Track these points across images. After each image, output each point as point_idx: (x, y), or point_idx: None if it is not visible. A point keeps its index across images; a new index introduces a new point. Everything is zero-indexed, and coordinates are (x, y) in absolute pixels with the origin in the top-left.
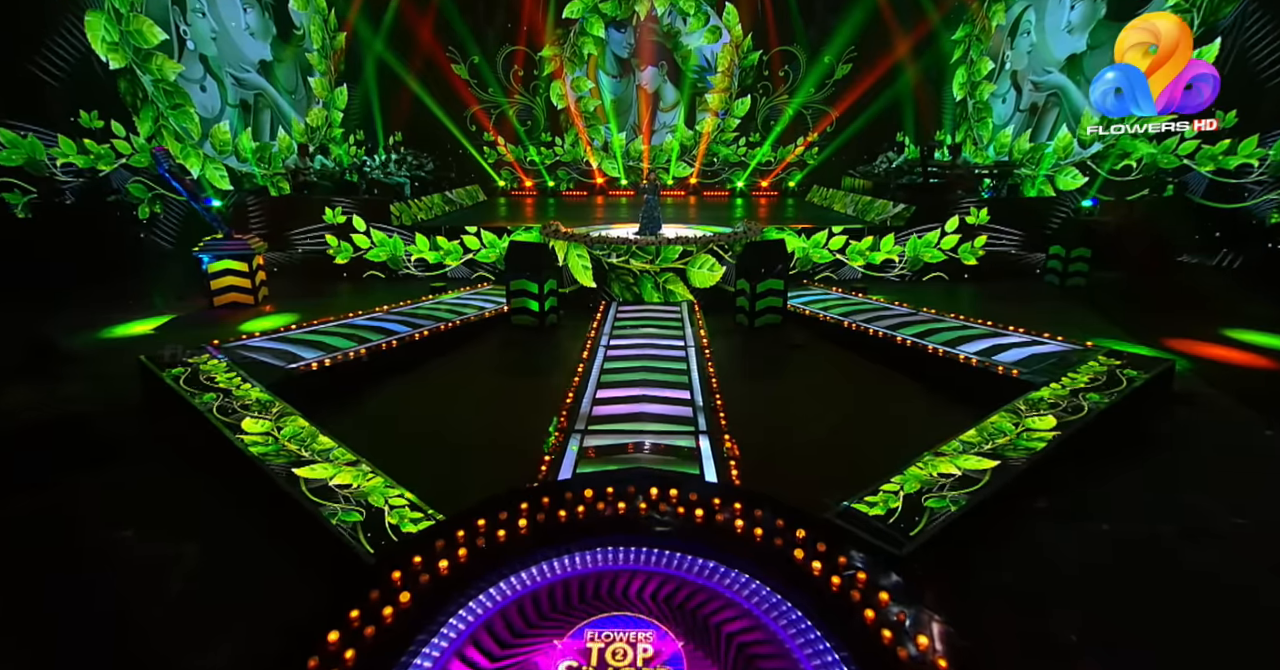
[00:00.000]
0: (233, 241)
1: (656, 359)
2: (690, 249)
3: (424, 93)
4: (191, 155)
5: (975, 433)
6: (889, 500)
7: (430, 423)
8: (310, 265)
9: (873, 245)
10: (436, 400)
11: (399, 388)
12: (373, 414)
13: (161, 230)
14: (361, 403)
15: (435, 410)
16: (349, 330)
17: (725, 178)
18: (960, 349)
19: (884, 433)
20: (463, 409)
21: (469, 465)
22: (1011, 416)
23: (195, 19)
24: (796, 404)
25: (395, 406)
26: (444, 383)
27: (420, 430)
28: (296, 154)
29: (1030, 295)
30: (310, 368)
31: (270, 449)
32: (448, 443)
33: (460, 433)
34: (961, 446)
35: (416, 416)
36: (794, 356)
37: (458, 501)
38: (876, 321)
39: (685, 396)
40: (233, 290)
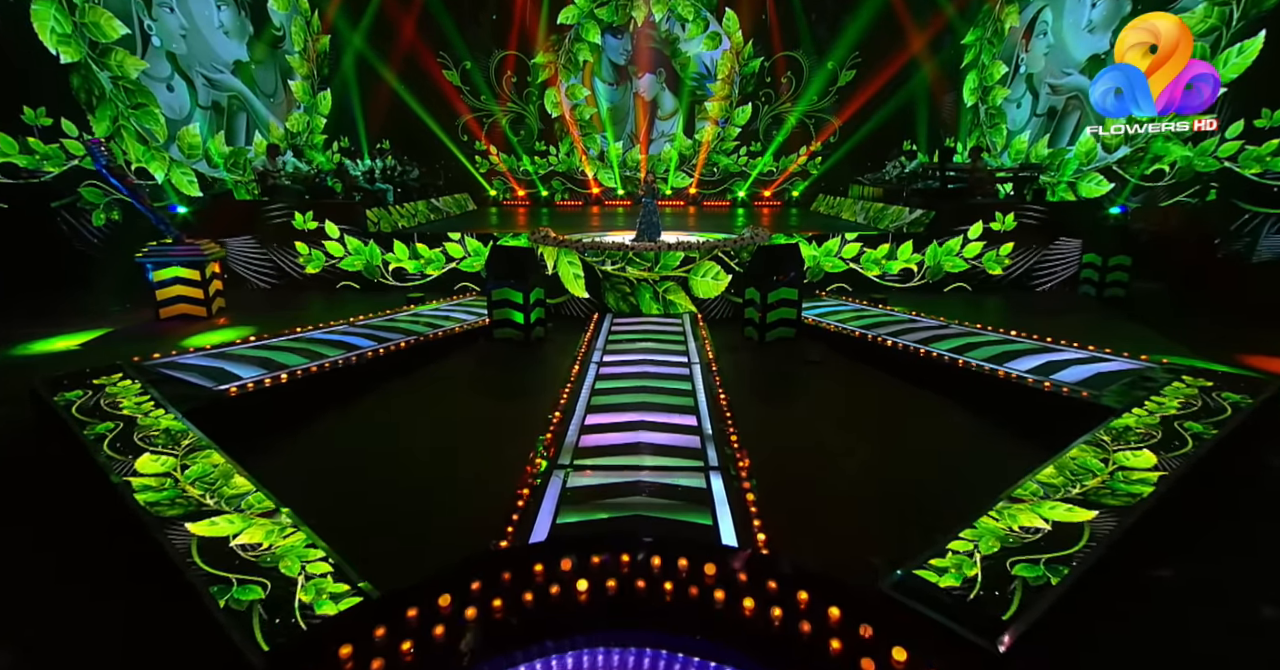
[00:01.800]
0: (183, 247)
1: (656, 378)
2: (693, 255)
3: (412, 99)
4: (155, 159)
5: (1055, 471)
6: (963, 565)
7: (385, 456)
8: (281, 274)
9: (889, 253)
10: (397, 427)
11: (354, 412)
12: (315, 445)
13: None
14: (304, 431)
15: (393, 440)
16: (304, 345)
17: (726, 188)
18: (1008, 366)
19: (929, 467)
20: (427, 438)
21: (425, 510)
22: (1096, 451)
23: (162, 14)
24: (821, 432)
25: (346, 435)
26: (409, 406)
27: (371, 465)
28: (265, 155)
29: (1066, 307)
30: (246, 389)
31: (164, 496)
32: (403, 481)
33: (420, 468)
34: (1043, 490)
35: (370, 448)
36: (812, 375)
37: (404, 561)
38: (905, 335)
39: (691, 423)
40: (182, 301)
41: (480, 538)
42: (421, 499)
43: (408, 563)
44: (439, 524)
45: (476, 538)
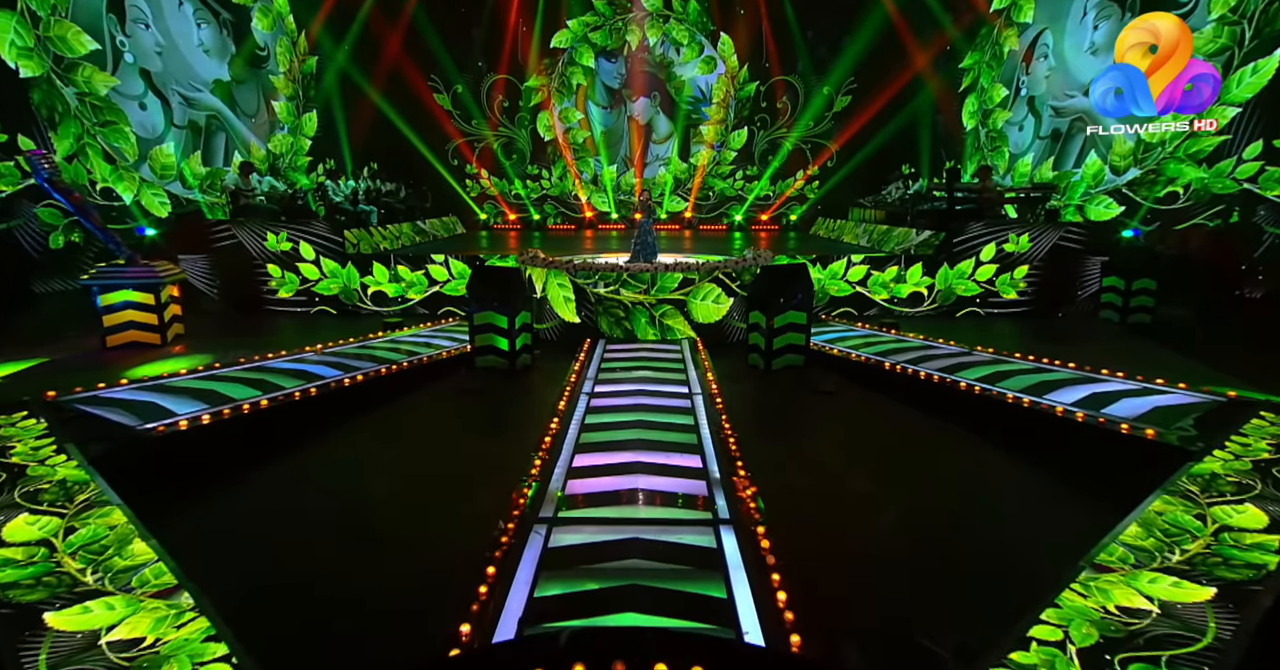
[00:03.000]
0: (136, 268)
1: (654, 412)
2: (692, 277)
3: (401, 122)
4: (124, 179)
5: (1141, 531)
6: (1056, 663)
7: (336, 509)
8: (251, 298)
9: (898, 276)
10: (357, 471)
11: (308, 454)
12: (256, 495)
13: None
14: (244, 479)
15: (350, 488)
16: (258, 376)
17: (722, 212)
18: (1050, 399)
19: (974, 517)
20: (390, 484)
21: (377, 584)
22: (1186, 504)
23: (136, 30)
24: (843, 473)
25: (294, 482)
26: (373, 445)
27: (319, 519)
28: (238, 173)
29: (1088, 334)
30: (178, 427)
31: (28, 573)
32: (355, 541)
33: (378, 523)
34: (1132, 556)
35: (320, 499)
36: (827, 407)
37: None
38: (926, 363)
39: (694, 464)
40: (132, 328)
41: (441, 621)
42: (373, 567)
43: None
44: (389, 606)
45: (435, 620)
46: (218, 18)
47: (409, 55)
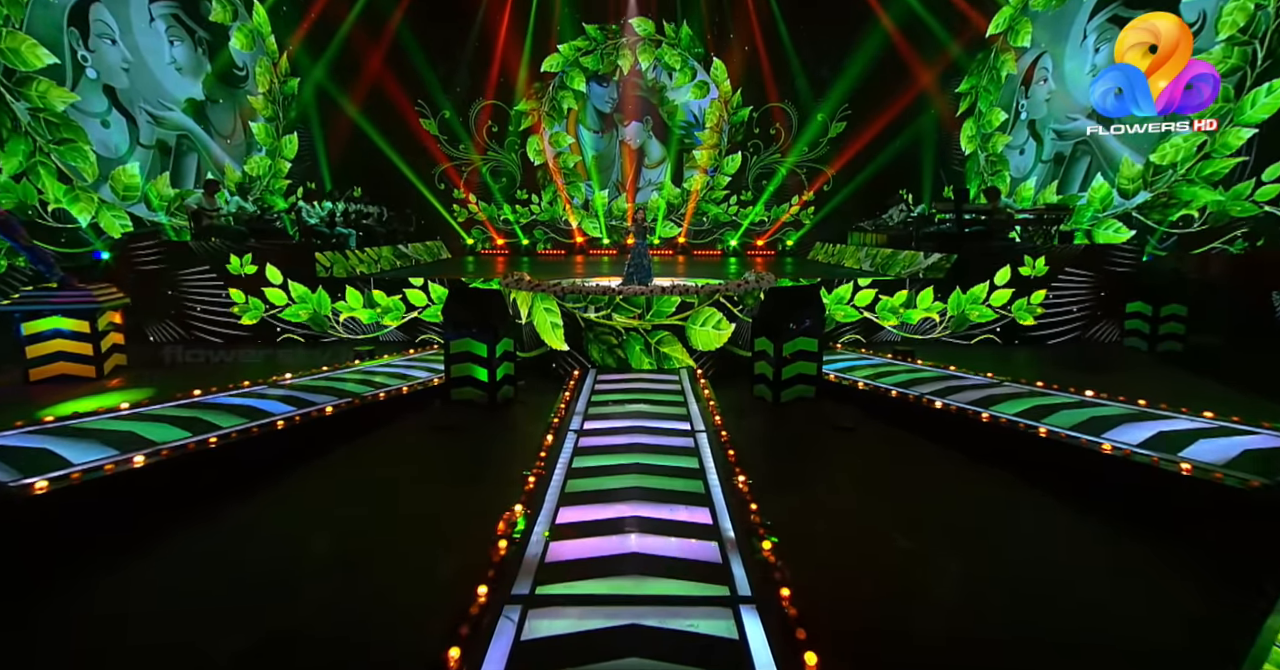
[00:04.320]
0: (70, 292)
1: (653, 452)
2: (691, 301)
3: (386, 145)
4: (80, 200)
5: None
6: None
7: (244, 592)
8: (210, 323)
9: (907, 301)
10: (282, 541)
11: (236, 509)
12: (161, 564)
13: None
14: (149, 544)
15: (283, 554)
16: (192, 414)
17: (716, 237)
18: (1110, 437)
19: (1055, 591)
20: (324, 551)
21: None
22: None
23: (101, 46)
24: (880, 530)
25: (212, 546)
26: (320, 497)
27: (218, 610)
28: (201, 193)
29: (1116, 361)
30: (69, 481)
31: None
32: (279, 631)
33: (297, 611)
34: None
35: (242, 568)
36: (847, 445)
37: None
38: (954, 395)
39: (703, 519)
40: (62, 359)
41: None
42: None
43: None
44: None
45: None
46: (193, 35)
47: (396, 79)
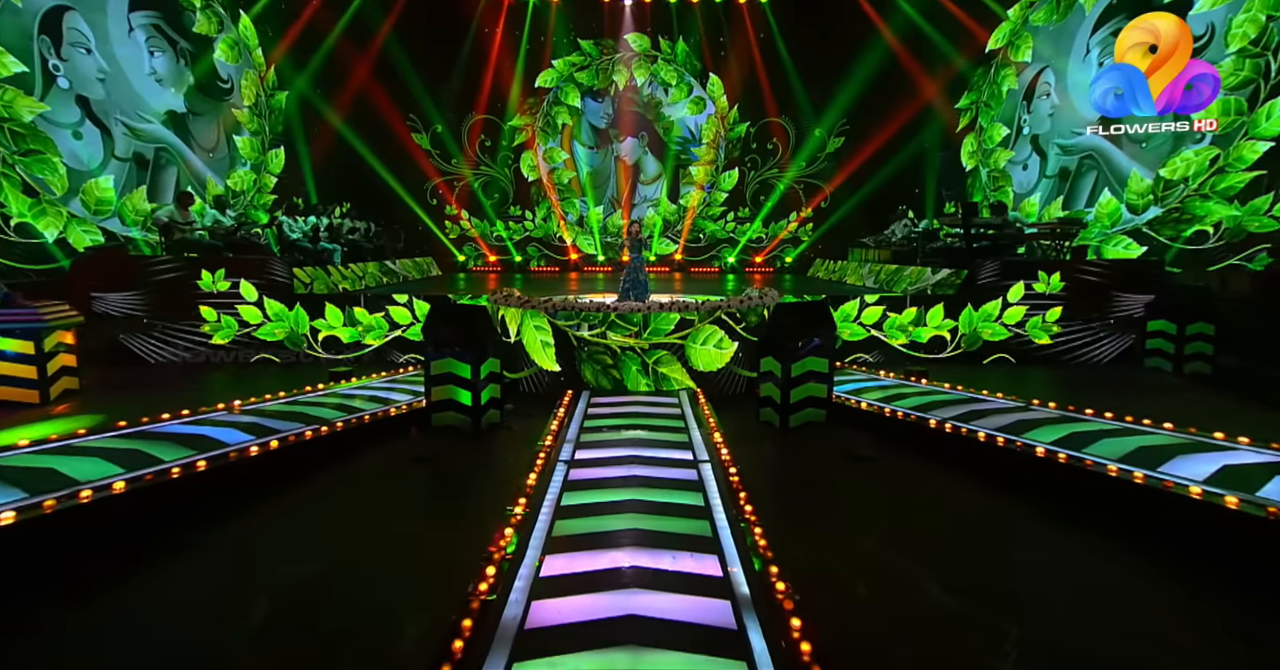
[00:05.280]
0: (13, 310)
1: (652, 487)
2: (691, 318)
3: (375, 160)
4: (47, 214)
5: None
6: None
7: (197, 647)
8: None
9: (916, 318)
10: (215, 598)
11: (163, 563)
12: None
13: None
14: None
15: (202, 621)
16: (132, 446)
17: (713, 254)
18: (1167, 471)
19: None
20: (264, 610)
21: None
22: None
23: (75, 55)
24: (918, 581)
25: (149, 601)
26: (264, 548)
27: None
28: (174, 205)
29: (1139, 384)
30: None
31: None
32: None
33: None
34: None
35: (179, 628)
36: (866, 476)
37: None
38: (979, 420)
39: (712, 571)
40: (2, 383)
41: None
42: None
43: None
44: None
45: None
46: (175, 46)
47: (386, 92)
